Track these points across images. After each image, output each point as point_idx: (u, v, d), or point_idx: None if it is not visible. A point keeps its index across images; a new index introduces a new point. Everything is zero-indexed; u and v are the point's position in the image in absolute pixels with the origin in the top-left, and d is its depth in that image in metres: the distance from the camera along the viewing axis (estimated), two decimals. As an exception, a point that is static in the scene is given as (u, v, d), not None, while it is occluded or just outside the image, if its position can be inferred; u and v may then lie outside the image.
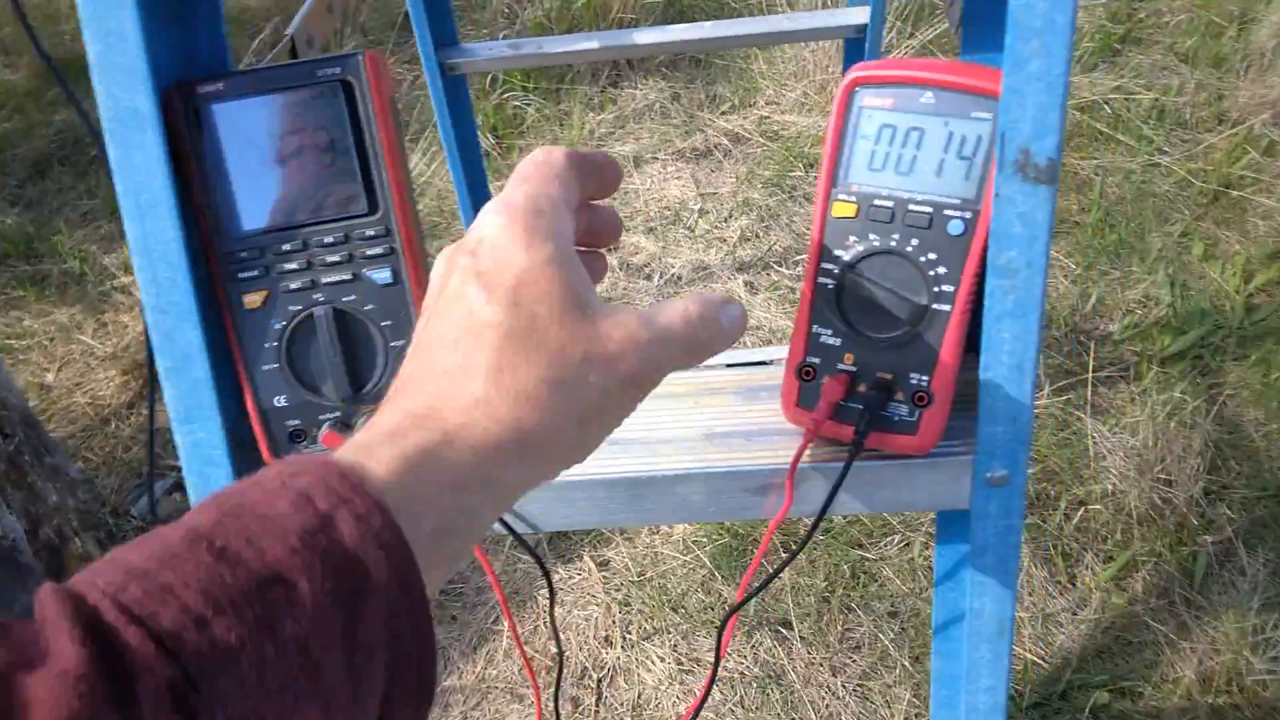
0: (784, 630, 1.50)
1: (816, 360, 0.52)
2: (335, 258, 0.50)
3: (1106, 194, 2.09)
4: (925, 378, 0.51)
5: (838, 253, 0.50)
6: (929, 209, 0.48)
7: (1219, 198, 2.05)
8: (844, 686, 1.42)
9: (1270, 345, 1.71)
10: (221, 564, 0.28)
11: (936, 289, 0.49)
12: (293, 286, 0.51)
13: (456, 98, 1.12)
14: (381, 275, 0.51)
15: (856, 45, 1.21)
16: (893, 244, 0.49)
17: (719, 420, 0.60)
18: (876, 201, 0.49)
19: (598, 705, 1.48)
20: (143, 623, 0.26)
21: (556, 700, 0.60)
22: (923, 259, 0.49)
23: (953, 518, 0.65)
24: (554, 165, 0.39)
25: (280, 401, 0.53)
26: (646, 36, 1.08)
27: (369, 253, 0.50)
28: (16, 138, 2.94)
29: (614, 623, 1.56)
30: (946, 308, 0.49)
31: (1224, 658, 1.30)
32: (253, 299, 0.51)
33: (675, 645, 1.51)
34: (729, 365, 1.82)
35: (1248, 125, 2.18)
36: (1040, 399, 1.68)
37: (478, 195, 1.23)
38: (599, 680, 1.50)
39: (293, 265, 0.51)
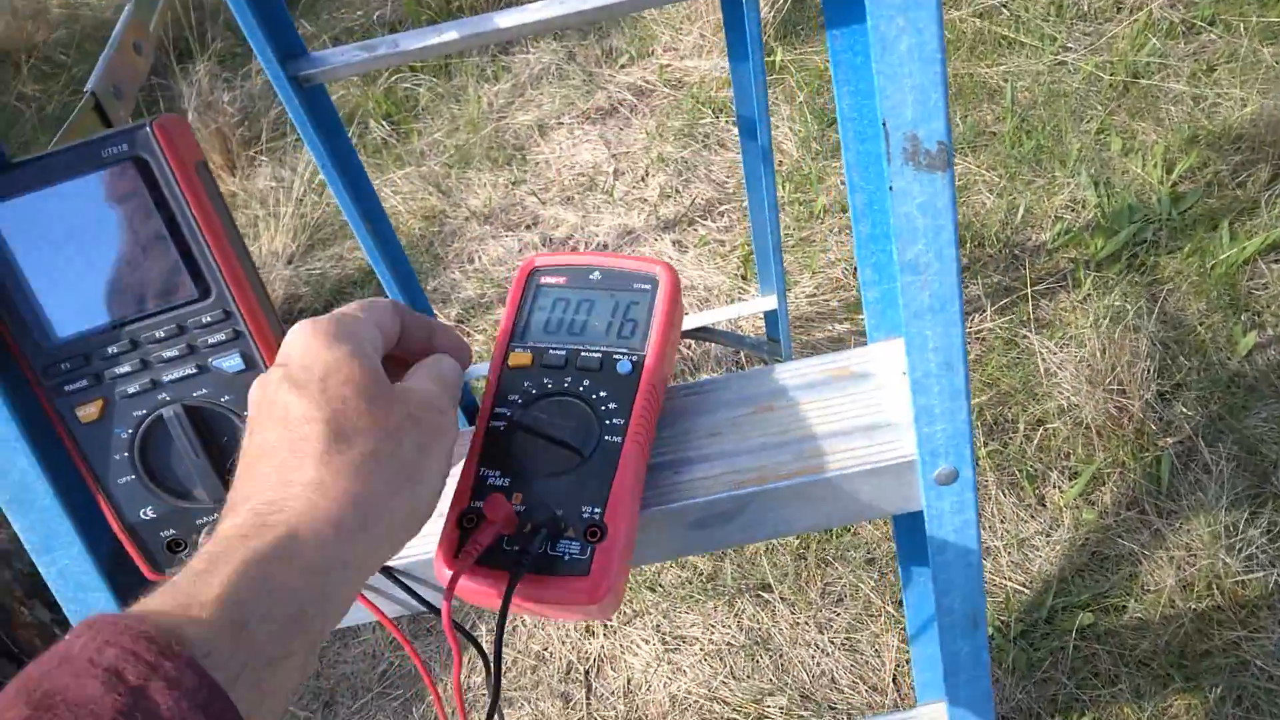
0: (764, 594, 1.48)
1: (480, 504, 0.48)
2: (173, 352, 0.46)
3: (1018, 100, 2.07)
4: (598, 510, 0.48)
5: (512, 397, 0.51)
6: (599, 354, 0.52)
7: (1129, 88, 2.05)
8: (832, 641, 1.41)
9: (1201, 233, 1.72)
10: None
11: (608, 422, 0.50)
12: (131, 390, 0.46)
13: (317, 108, 1.03)
14: (231, 363, 0.46)
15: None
16: (565, 385, 0.51)
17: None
18: (551, 351, 0.52)
19: (588, 697, 1.45)
20: None
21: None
22: (594, 396, 0.50)
23: (907, 518, 0.62)
24: (370, 301, 0.45)
25: (147, 514, 0.48)
26: (507, 19, 1.00)
27: (210, 340, 0.46)
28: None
29: (593, 614, 1.53)
30: (618, 439, 0.49)
31: (1201, 562, 1.32)
32: (88, 411, 0.46)
33: (658, 625, 1.48)
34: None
35: (1146, 10, 2.17)
36: (984, 321, 1.67)
37: (365, 203, 1.15)
38: (586, 672, 1.48)
39: (126, 367, 0.45)
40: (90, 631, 0.31)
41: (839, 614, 1.44)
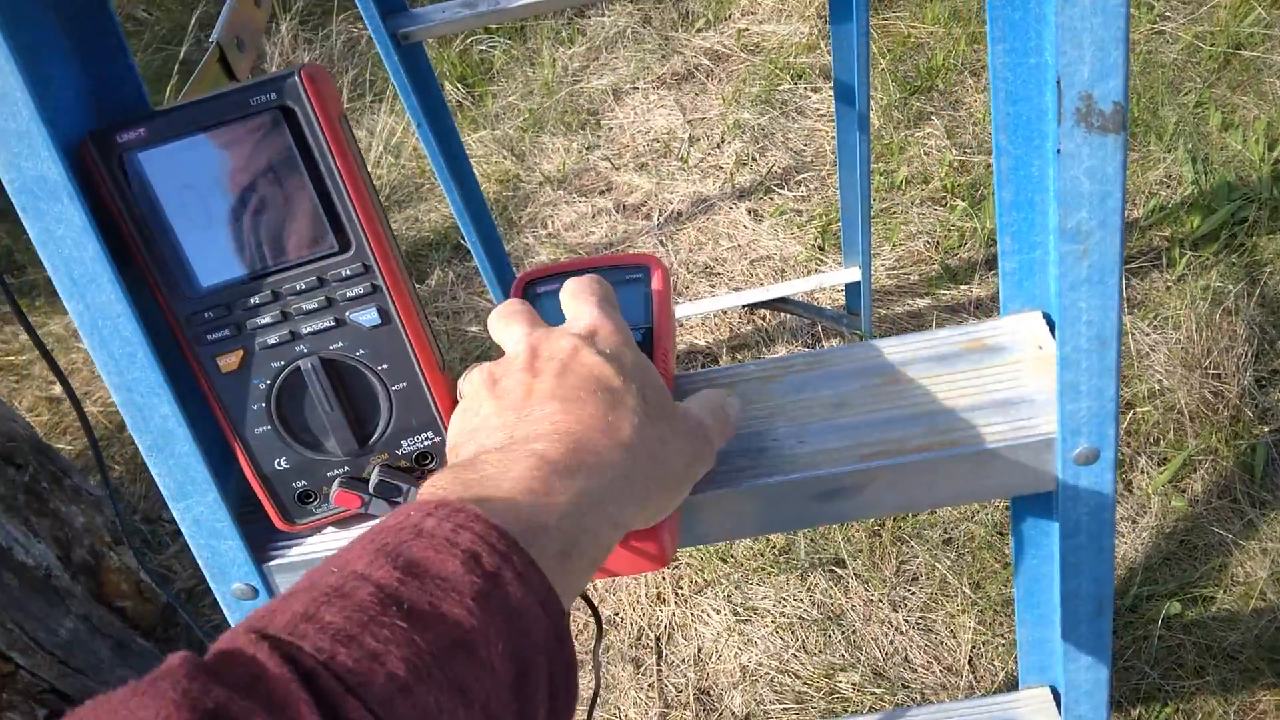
0: (838, 570, 1.46)
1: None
2: (312, 304, 0.45)
3: (1112, 71, 1.99)
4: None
5: None
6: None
7: (1230, 60, 1.96)
8: (906, 620, 1.39)
9: (1304, 214, 1.65)
10: (414, 628, 0.29)
11: None
12: (270, 341, 0.45)
13: (415, 66, 1.03)
14: (368, 317, 0.46)
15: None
16: None
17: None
18: None
19: (659, 663, 1.45)
20: (357, 694, 0.27)
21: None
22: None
23: (1033, 497, 0.60)
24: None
25: (281, 464, 0.48)
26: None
27: (349, 294, 0.45)
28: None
29: (664, 580, 1.53)
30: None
31: (1298, 553, 1.27)
32: (228, 361, 0.46)
33: (730, 595, 1.48)
34: (748, 306, 1.74)
35: (1252, -21, 2.07)
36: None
37: (454, 160, 1.15)
38: (657, 639, 1.48)
39: (266, 319, 0.45)
40: (441, 512, 0.33)
41: (914, 593, 1.42)
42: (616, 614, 1.49)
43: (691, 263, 1.95)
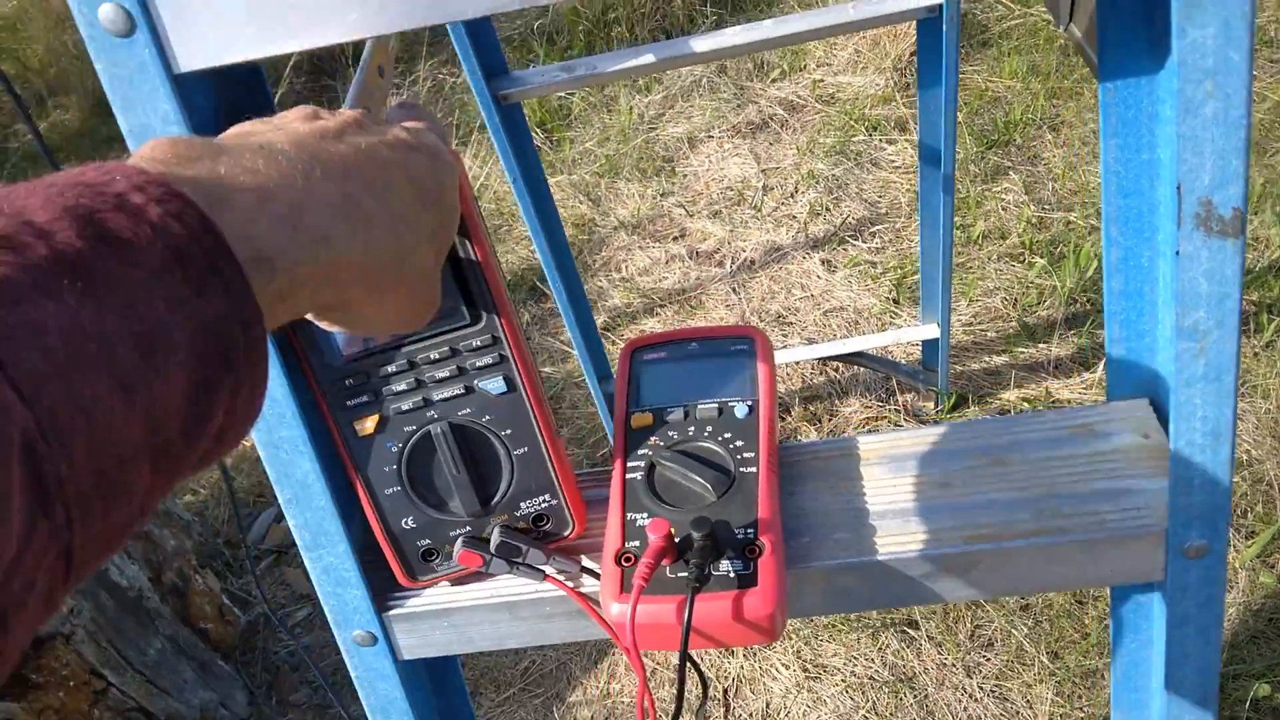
0: (910, 631, 1.45)
1: (635, 544, 0.51)
2: (444, 373, 0.47)
3: (1197, 130, 1.97)
4: (751, 530, 0.50)
5: (641, 452, 0.54)
6: (715, 404, 0.55)
7: (1320, 122, 1.93)
8: (980, 688, 1.37)
9: (1400, 282, 1.61)
10: (87, 308, 0.25)
11: (738, 456, 0.53)
12: (404, 407, 0.48)
13: (513, 124, 1.07)
14: (495, 385, 0.48)
15: (930, 26, 1.12)
16: (690, 433, 0.54)
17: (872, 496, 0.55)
18: (670, 410, 0.56)
19: (726, 717, 1.45)
20: (2, 363, 0.23)
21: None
22: (720, 438, 0.54)
23: (1138, 586, 0.60)
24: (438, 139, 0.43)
25: (408, 523, 0.51)
26: (704, 44, 1.01)
27: (479, 363, 0.47)
28: None
29: (730, 633, 1.52)
30: (754, 469, 0.52)
31: (1397, 637, 1.23)
32: (365, 425, 0.48)
33: (799, 651, 1.47)
34: (822, 359, 1.74)
35: (1343, 39, 2.04)
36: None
37: (542, 206, 1.18)
38: (725, 691, 1.47)
39: (401, 386, 0.48)
40: (155, 191, 0.28)
41: (989, 658, 1.39)
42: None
43: (764, 311, 1.96)
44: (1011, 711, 1.33)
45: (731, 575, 0.48)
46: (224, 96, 0.47)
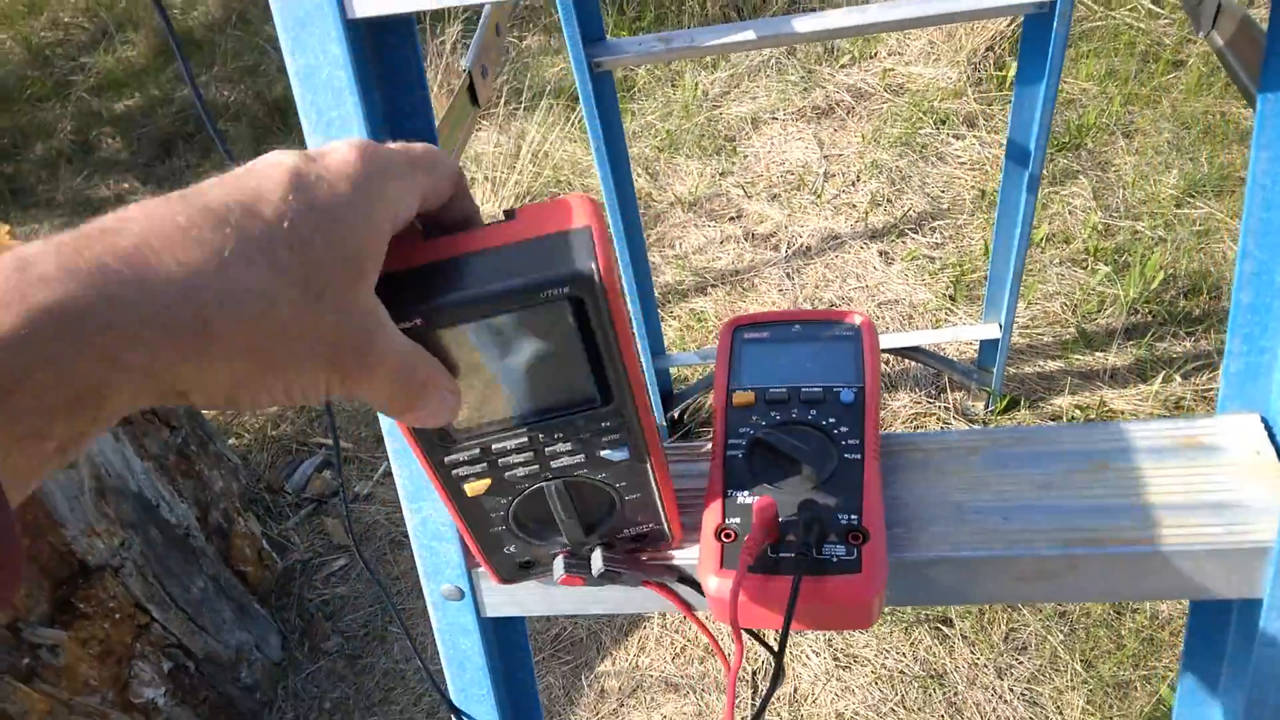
0: (944, 628, 1.44)
1: (737, 520, 0.50)
2: (566, 446, 0.45)
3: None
4: (855, 516, 0.50)
5: (743, 430, 0.54)
6: (820, 388, 0.55)
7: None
8: (1010, 690, 1.37)
9: None
10: None
11: (844, 442, 0.52)
12: (520, 475, 0.46)
13: (603, 93, 1.06)
14: (619, 455, 0.46)
15: (1039, 21, 1.10)
16: (793, 415, 0.54)
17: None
18: (773, 389, 0.55)
19: (754, 698, 1.45)
20: None
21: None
22: (824, 422, 0.53)
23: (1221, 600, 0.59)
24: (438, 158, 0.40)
25: (508, 550, 0.50)
26: (806, 24, 1.00)
27: (604, 439, 0.45)
28: (141, 116, 2.97)
29: (763, 616, 1.53)
30: (859, 456, 0.52)
31: None
32: (475, 487, 0.46)
33: (830, 640, 1.47)
34: (883, 351, 1.73)
35: None
36: (1215, 381, 1.57)
37: (622, 187, 1.18)
38: (753, 673, 1.48)
39: (519, 458, 0.45)
40: None
41: (1021, 661, 1.39)
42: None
43: (817, 299, 1.95)
44: (1041, 716, 1.33)
45: (835, 560, 0.48)
46: (377, 43, 0.47)
